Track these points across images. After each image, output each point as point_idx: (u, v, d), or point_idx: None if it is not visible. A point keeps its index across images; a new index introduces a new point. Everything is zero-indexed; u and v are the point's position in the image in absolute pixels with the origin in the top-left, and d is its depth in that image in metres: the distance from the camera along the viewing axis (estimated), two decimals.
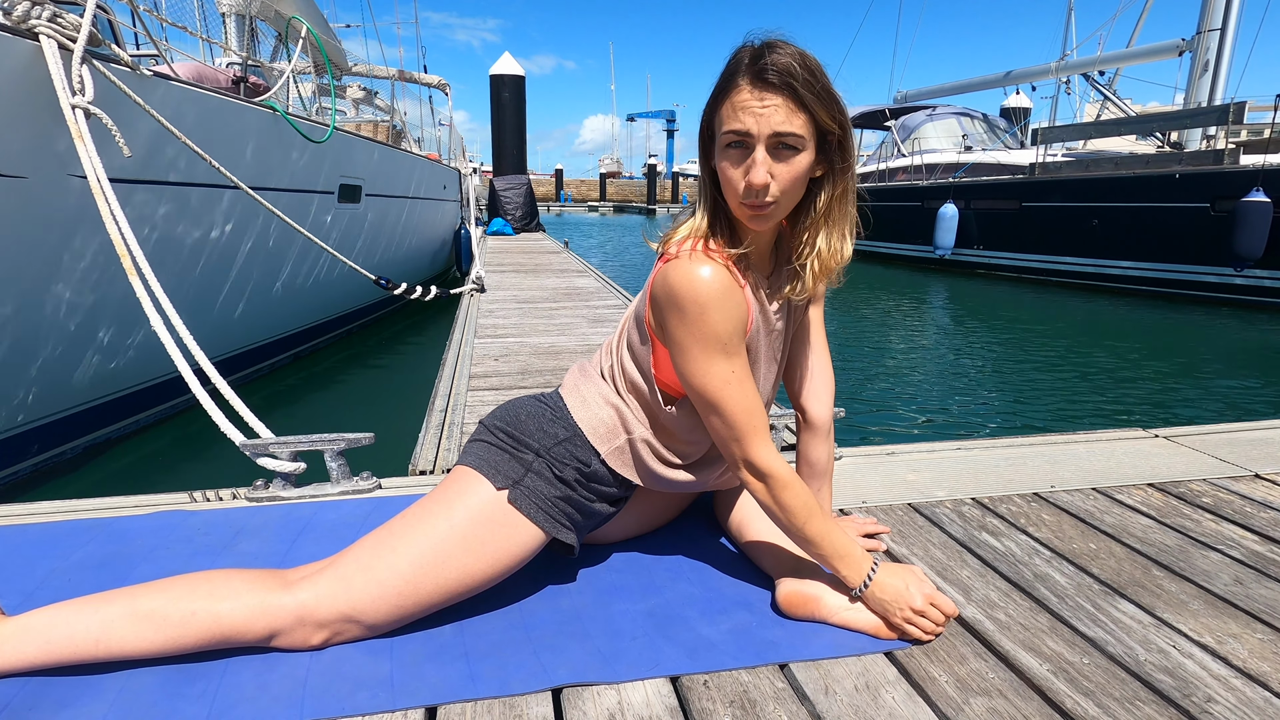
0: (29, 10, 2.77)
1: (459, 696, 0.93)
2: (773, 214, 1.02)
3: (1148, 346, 6.57)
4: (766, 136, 0.96)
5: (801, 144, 0.98)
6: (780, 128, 0.96)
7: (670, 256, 1.06)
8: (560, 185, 56.67)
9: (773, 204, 1.00)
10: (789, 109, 0.96)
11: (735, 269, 1.07)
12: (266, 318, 5.13)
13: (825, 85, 0.98)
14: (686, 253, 1.04)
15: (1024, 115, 18.08)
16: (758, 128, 0.96)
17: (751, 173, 0.97)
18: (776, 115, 0.95)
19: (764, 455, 1.07)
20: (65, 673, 0.95)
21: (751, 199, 0.99)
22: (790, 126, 0.96)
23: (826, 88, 0.98)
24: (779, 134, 0.96)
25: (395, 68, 11.10)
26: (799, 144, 0.98)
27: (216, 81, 5.47)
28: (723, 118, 0.99)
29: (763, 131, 0.96)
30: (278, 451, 1.59)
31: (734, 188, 1.01)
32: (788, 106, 0.96)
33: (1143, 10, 15.70)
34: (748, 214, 1.02)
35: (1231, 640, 1.07)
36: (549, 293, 5.76)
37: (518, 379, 2.99)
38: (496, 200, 14.08)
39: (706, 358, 1.05)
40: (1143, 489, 1.65)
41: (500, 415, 1.20)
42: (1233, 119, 9.78)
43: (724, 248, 1.07)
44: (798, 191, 1.02)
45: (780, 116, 0.95)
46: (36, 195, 3.05)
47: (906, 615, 1.05)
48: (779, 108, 0.95)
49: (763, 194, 0.98)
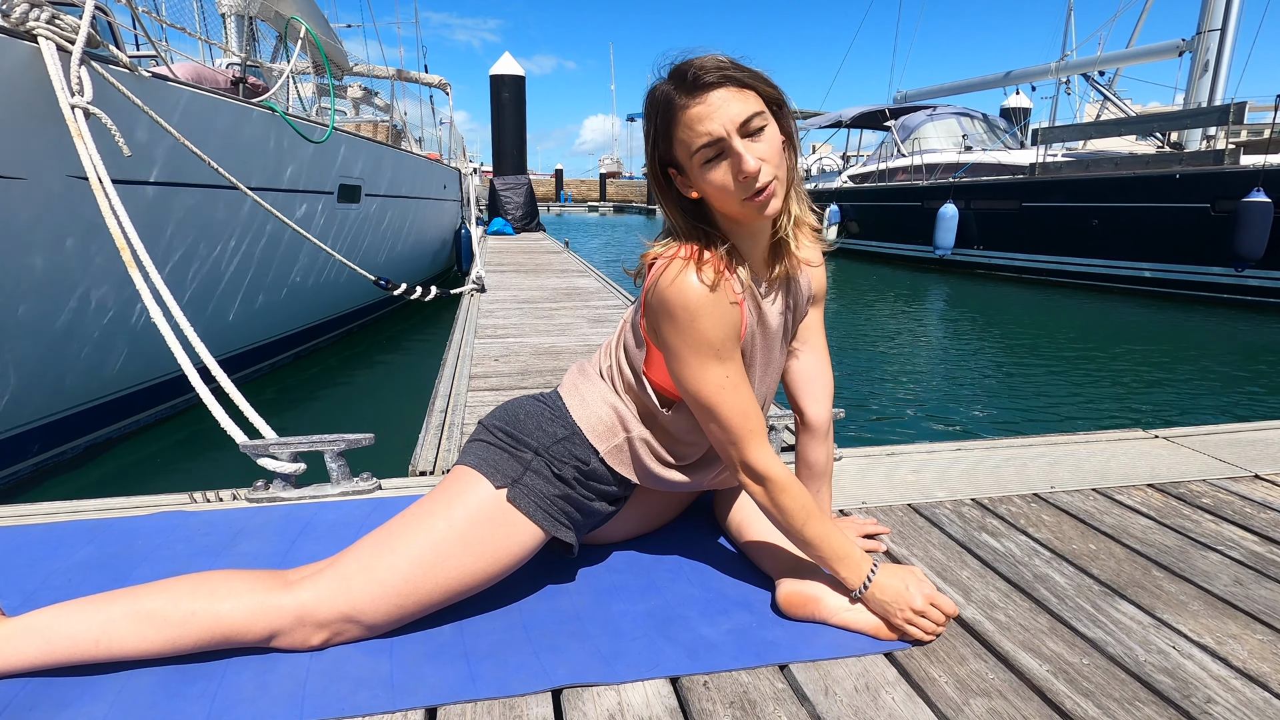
0: (27, 12, 2.77)
1: (459, 697, 0.93)
2: (776, 191, 1.01)
3: (1148, 347, 6.57)
4: (735, 127, 0.97)
5: (764, 119, 0.99)
6: (742, 114, 0.97)
7: (663, 264, 1.06)
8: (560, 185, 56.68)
9: (773, 183, 1.00)
10: (738, 94, 0.98)
11: (730, 274, 1.06)
12: (266, 318, 5.13)
13: (747, 66, 1.00)
14: (678, 260, 1.04)
15: (1024, 115, 18.09)
16: (721, 124, 0.97)
17: (741, 164, 0.97)
18: (731, 105, 0.97)
19: (762, 458, 1.07)
20: (65, 673, 0.95)
21: (751, 188, 0.99)
22: (748, 108, 0.98)
23: (749, 67, 1.00)
24: (744, 119, 0.97)
25: (395, 67, 11.10)
26: (762, 120, 0.99)
27: (215, 82, 5.47)
28: (684, 142, 1.00)
29: (728, 125, 0.97)
30: (278, 452, 1.59)
31: (730, 192, 1.00)
32: (735, 93, 0.98)
33: (1142, 10, 15.70)
34: (755, 207, 1.01)
35: (1231, 641, 1.07)
36: (549, 293, 5.76)
37: (518, 379, 2.99)
38: (497, 200, 14.09)
39: (700, 364, 1.05)
40: (1143, 489, 1.65)
41: (499, 415, 1.20)
42: (1233, 119, 9.77)
43: (719, 255, 1.06)
44: (783, 161, 1.03)
45: (735, 105, 0.97)
46: (36, 196, 3.05)
47: (907, 616, 1.05)
48: (729, 98, 0.97)
49: (758, 179, 0.99)
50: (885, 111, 16.15)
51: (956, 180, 12.56)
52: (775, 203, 1.02)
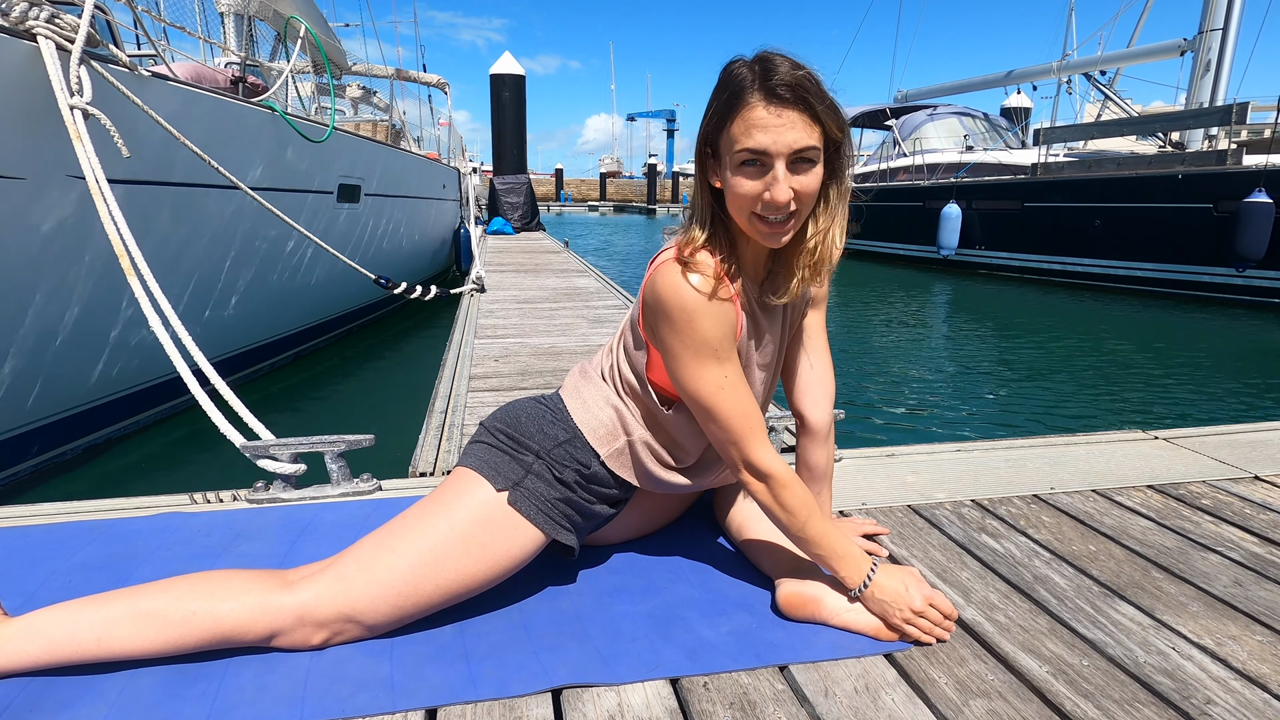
0: (27, 11, 2.76)
1: (459, 698, 0.93)
2: (791, 229, 1.02)
3: (1149, 347, 6.57)
4: (786, 153, 0.96)
5: (817, 156, 0.98)
6: (799, 144, 0.95)
7: (659, 262, 1.06)
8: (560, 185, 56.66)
9: (793, 218, 1.01)
10: (806, 124, 0.95)
11: (725, 275, 1.06)
12: (266, 317, 5.13)
13: (831, 98, 0.98)
14: (675, 260, 1.04)
15: (1024, 115, 18.07)
16: (775, 145, 0.95)
17: (773, 190, 0.96)
18: (794, 131, 0.95)
19: (763, 456, 1.08)
20: (66, 673, 0.95)
21: (773, 214, 0.99)
22: (809, 140, 0.96)
23: (832, 100, 0.98)
24: (799, 150, 0.96)
25: (394, 67, 11.10)
26: (815, 156, 0.98)
27: (215, 82, 5.47)
28: (734, 136, 0.98)
29: (781, 149, 0.95)
30: (278, 453, 1.59)
31: (748, 204, 1.00)
32: (804, 121, 0.95)
33: (1143, 10, 15.68)
34: (764, 231, 1.01)
35: (1231, 642, 1.07)
36: (549, 293, 5.76)
37: (518, 380, 2.99)
38: (496, 200, 14.09)
39: (698, 364, 1.05)
40: (1142, 491, 1.65)
41: (500, 417, 1.20)
42: (1236, 119, 9.77)
43: (717, 257, 1.06)
44: (813, 202, 1.03)
45: (798, 132, 0.95)
46: (35, 196, 3.05)
47: (906, 616, 1.05)
48: (796, 123, 0.95)
49: (785, 209, 0.98)
50: (886, 111, 16.15)
51: (959, 180, 12.56)
52: (787, 238, 1.02)
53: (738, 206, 1.02)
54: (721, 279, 1.05)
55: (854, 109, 17.03)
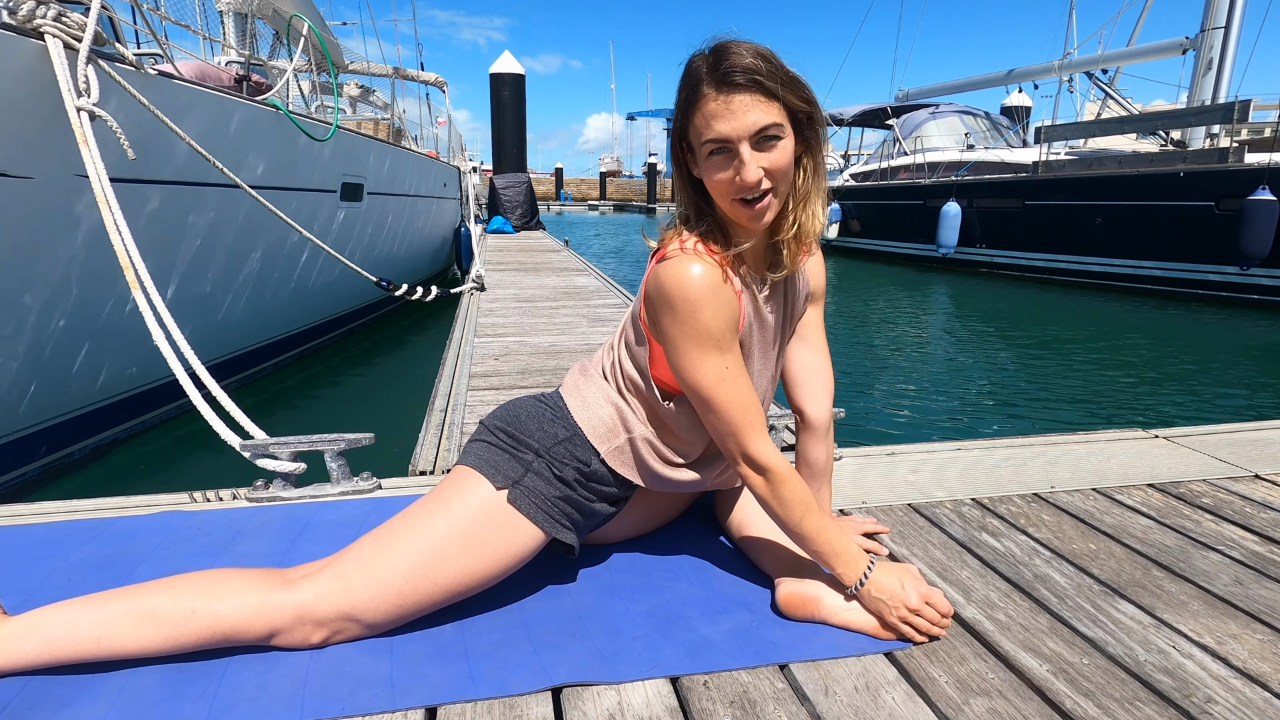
0: (34, 9, 2.76)
1: (459, 696, 0.93)
2: (771, 206, 1.03)
3: (1150, 346, 6.56)
4: (747, 136, 0.97)
5: (782, 131, 0.99)
6: (759, 124, 0.97)
7: (663, 255, 1.06)
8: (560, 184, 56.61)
9: (769, 196, 1.02)
10: (761, 103, 0.97)
11: (728, 266, 1.07)
12: (268, 317, 5.14)
13: (786, 70, 0.99)
14: (678, 251, 1.05)
15: (1025, 114, 18.05)
16: (735, 131, 0.97)
17: (743, 172, 0.98)
18: (751, 114, 0.97)
19: (761, 449, 1.08)
20: (66, 672, 0.95)
21: (747, 195, 1.01)
22: (768, 118, 0.97)
23: (788, 72, 0.99)
24: (759, 129, 0.97)
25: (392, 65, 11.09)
26: (780, 132, 0.99)
27: (219, 80, 5.47)
28: (697, 129, 1.00)
29: (741, 132, 0.97)
30: (278, 452, 1.59)
31: (726, 192, 1.02)
32: (759, 101, 0.97)
33: (1143, 9, 15.65)
34: (746, 214, 1.03)
35: (1231, 641, 1.07)
36: (549, 291, 5.76)
37: (518, 379, 2.99)
38: (496, 198, 14.08)
39: (700, 354, 1.05)
40: (1143, 489, 1.65)
41: (500, 415, 1.20)
42: (1238, 117, 9.75)
43: (718, 248, 1.07)
44: (789, 176, 1.04)
45: (756, 114, 0.97)
46: (43, 196, 3.05)
47: (902, 614, 1.05)
48: (751, 105, 0.97)
49: (757, 188, 1.00)
50: (887, 110, 16.13)
51: (959, 179, 12.54)
52: (769, 215, 1.03)
53: (718, 195, 1.04)
54: (725, 269, 1.06)
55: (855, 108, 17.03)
